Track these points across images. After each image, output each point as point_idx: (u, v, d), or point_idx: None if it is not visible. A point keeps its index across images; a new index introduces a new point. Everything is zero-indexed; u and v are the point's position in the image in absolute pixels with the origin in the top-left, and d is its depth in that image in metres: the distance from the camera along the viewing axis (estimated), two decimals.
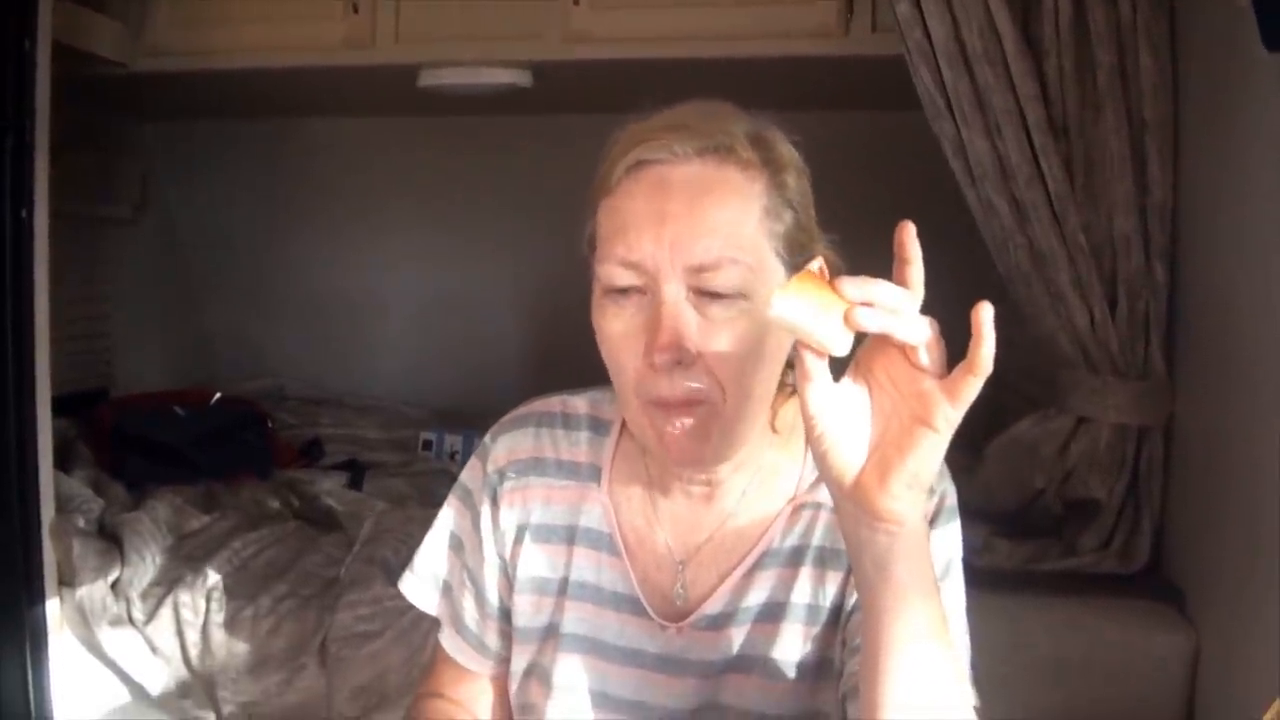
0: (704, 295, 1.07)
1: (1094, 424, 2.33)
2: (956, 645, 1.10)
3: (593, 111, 3.56)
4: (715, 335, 1.06)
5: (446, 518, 1.37)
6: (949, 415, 0.87)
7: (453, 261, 4.15)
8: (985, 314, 0.83)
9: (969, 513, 2.42)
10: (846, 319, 0.87)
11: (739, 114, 1.14)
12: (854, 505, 0.92)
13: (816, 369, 0.90)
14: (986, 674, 1.22)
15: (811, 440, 0.93)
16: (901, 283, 0.88)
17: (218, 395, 3.60)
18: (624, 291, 1.09)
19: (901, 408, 0.90)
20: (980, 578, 2.27)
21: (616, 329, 1.10)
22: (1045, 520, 2.43)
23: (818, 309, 0.88)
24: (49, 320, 2.51)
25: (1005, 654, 2.14)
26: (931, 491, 1.15)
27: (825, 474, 0.94)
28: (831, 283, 0.88)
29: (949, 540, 1.19)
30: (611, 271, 1.08)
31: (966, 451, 2.62)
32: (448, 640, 1.38)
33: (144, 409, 3.41)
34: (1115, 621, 2.21)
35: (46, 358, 2.51)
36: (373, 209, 4.15)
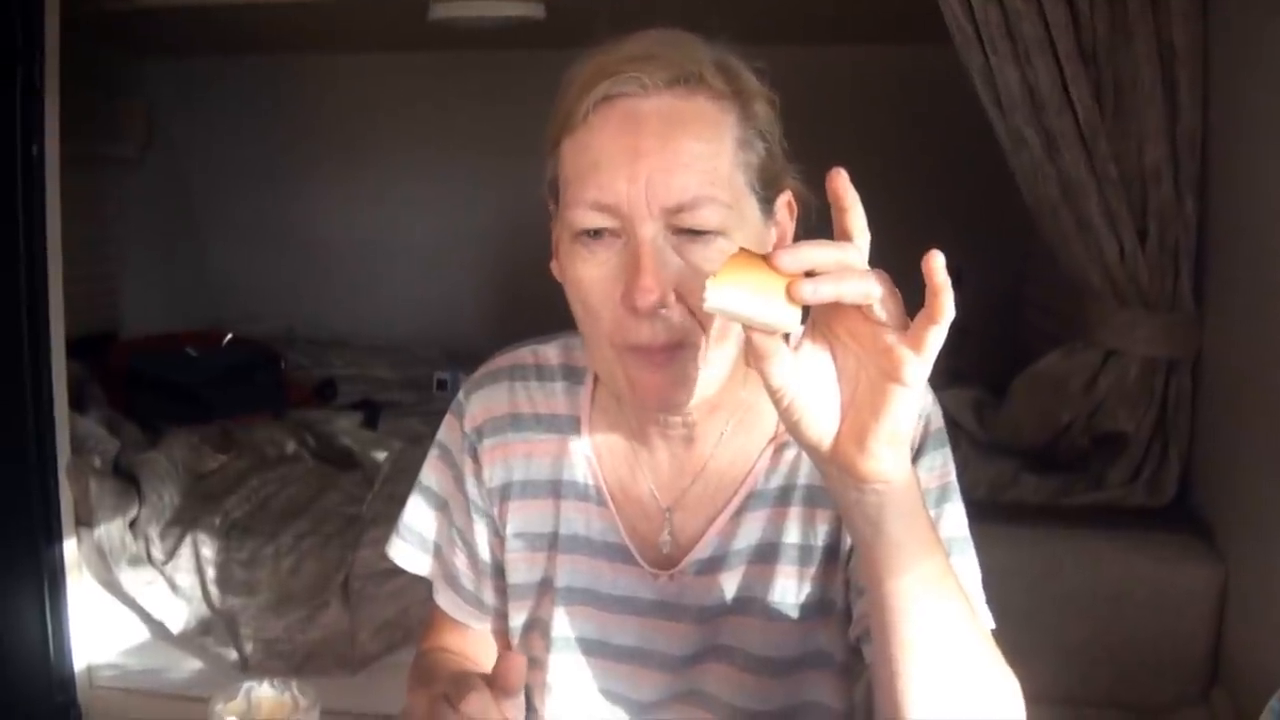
0: (682, 235, 1.01)
1: (1122, 357, 2.32)
2: (964, 571, 1.08)
3: (606, 42, 3.55)
4: (694, 276, 1.01)
5: (428, 478, 1.33)
6: (916, 367, 0.83)
7: (462, 200, 4.12)
8: (937, 262, 0.79)
9: (996, 448, 2.44)
10: (789, 294, 0.82)
11: (701, 42, 1.08)
12: (836, 469, 0.89)
13: (770, 346, 0.86)
14: (1014, 606, 1.20)
15: (781, 413, 0.89)
16: (843, 232, 0.84)
17: (230, 336, 3.58)
18: (596, 234, 1.03)
19: (868, 364, 0.86)
20: (1008, 512, 2.29)
21: (590, 274, 1.04)
22: (1072, 454, 2.42)
23: (757, 290, 0.83)
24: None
25: (1034, 586, 2.14)
26: (917, 417, 1.12)
27: (802, 443, 0.90)
28: (765, 257, 0.84)
29: (939, 465, 1.14)
30: (583, 215, 1.02)
31: (990, 388, 2.61)
32: (444, 599, 1.33)
33: (156, 350, 3.40)
34: (1143, 554, 2.20)
35: (60, 297, 2.49)
36: (381, 146, 4.12)
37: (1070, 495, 2.35)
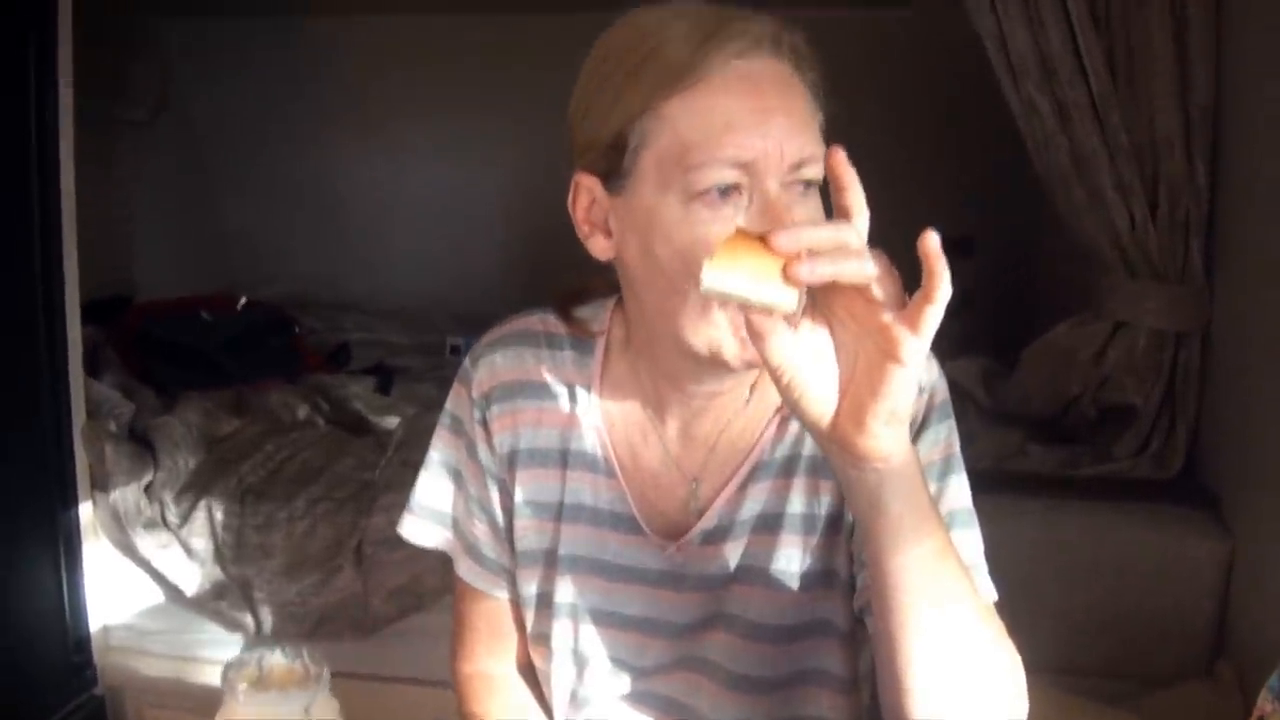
0: (792, 189, 1.03)
1: (1131, 329, 2.32)
2: (966, 544, 1.09)
3: (619, 8, 3.54)
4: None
5: (439, 450, 1.33)
6: (914, 347, 0.83)
7: (477, 163, 4.11)
8: (932, 242, 0.80)
9: (1004, 418, 2.44)
10: (786, 275, 0.83)
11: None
12: (836, 447, 0.90)
13: (768, 324, 0.87)
14: (1021, 576, 1.22)
15: (781, 390, 0.90)
16: (841, 210, 0.86)
17: (244, 300, 3.59)
18: (725, 193, 1.02)
19: (865, 341, 0.86)
20: (1016, 482, 2.30)
21: (719, 233, 1.00)
22: (1081, 425, 2.42)
23: (754, 272, 0.84)
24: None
25: (1040, 556, 2.15)
26: (920, 390, 1.12)
27: (802, 420, 0.91)
28: (762, 237, 0.84)
29: (943, 438, 1.15)
30: (719, 173, 1.01)
31: (998, 357, 2.61)
32: (466, 571, 1.34)
33: (170, 314, 3.41)
34: (1150, 526, 2.21)
35: (74, 262, 2.49)
36: (396, 108, 4.11)
37: (1077, 466, 2.36)
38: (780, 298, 0.85)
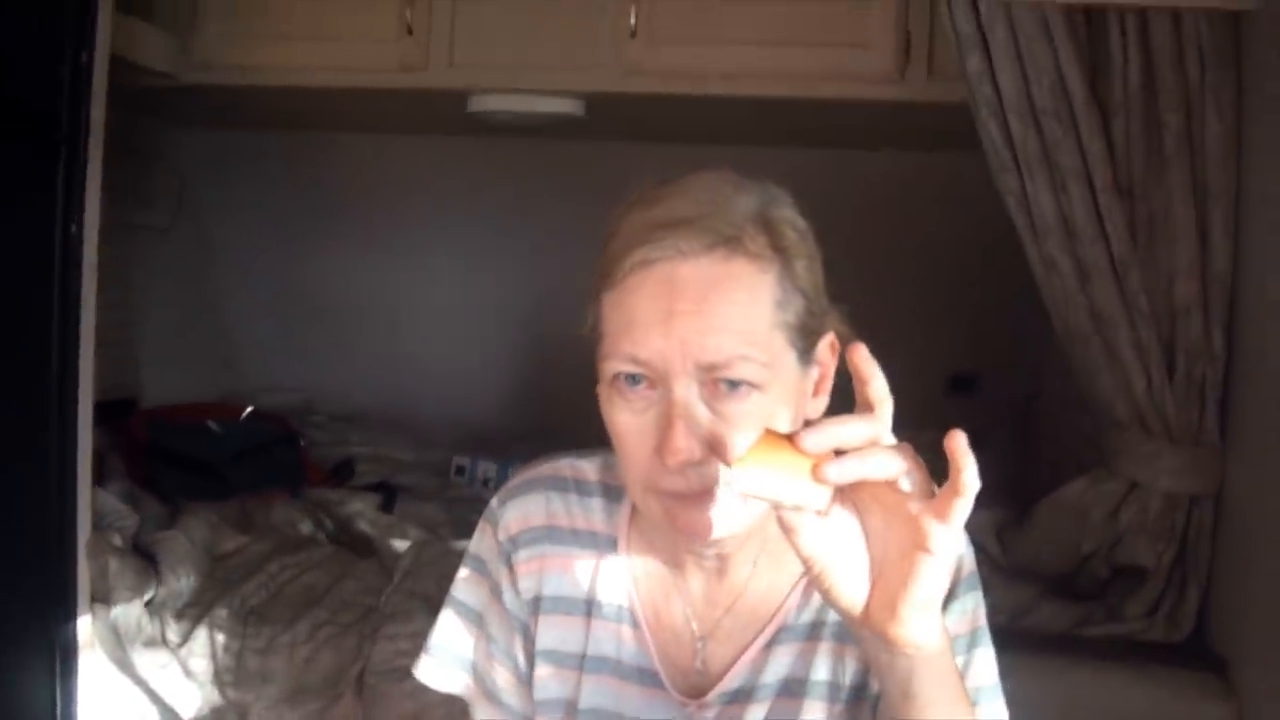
0: (716, 390, 1.03)
1: (1145, 490, 2.33)
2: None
3: (642, 140, 3.61)
4: (728, 430, 1.02)
5: (461, 591, 1.32)
6: (944, 537, 0.85)
7: (490, 283, 4.13)
8: (959, 442, 0.82)
9: (1016, 572, 2.44)
10: (816, 475, 0.85)
11: (745, 187, 1.10)
12: (869, 633, 0.91)
13: (798, 518, 0.89)
14: None
15: (812, 579, 0.91)
16: (864, 402, 0.87)
17: (249, 409, 3.59)
18: (633, 381, 1.04)
19: (895, 530, 0.88)
20: (1025, 639, 2.29)
21: (626, 422, 1.06)
22: (1092, 583, 2.42)
23: (784, 472, 0.85)
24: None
25: (1048, 717, 2.13)
26: None
27: (834, 607, 0.92)
28: (791, 438, 0.86)
29: (970, 609, 1.15)
30: (619, 366, 1.04)
31: (1006, 506, 2.62)
32: (484, 716, 1.32)
33: (177, 422, 3.40)
34: (1159, 688, 2.20)
35: (90, 373, 2.49)
36: (409, 226, 4.14)
37: (1088, 625, 2.35)
38: (810, 497, 0.87)
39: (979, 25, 2.26)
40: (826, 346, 1.12)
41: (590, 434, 1.17)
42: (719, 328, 1.02)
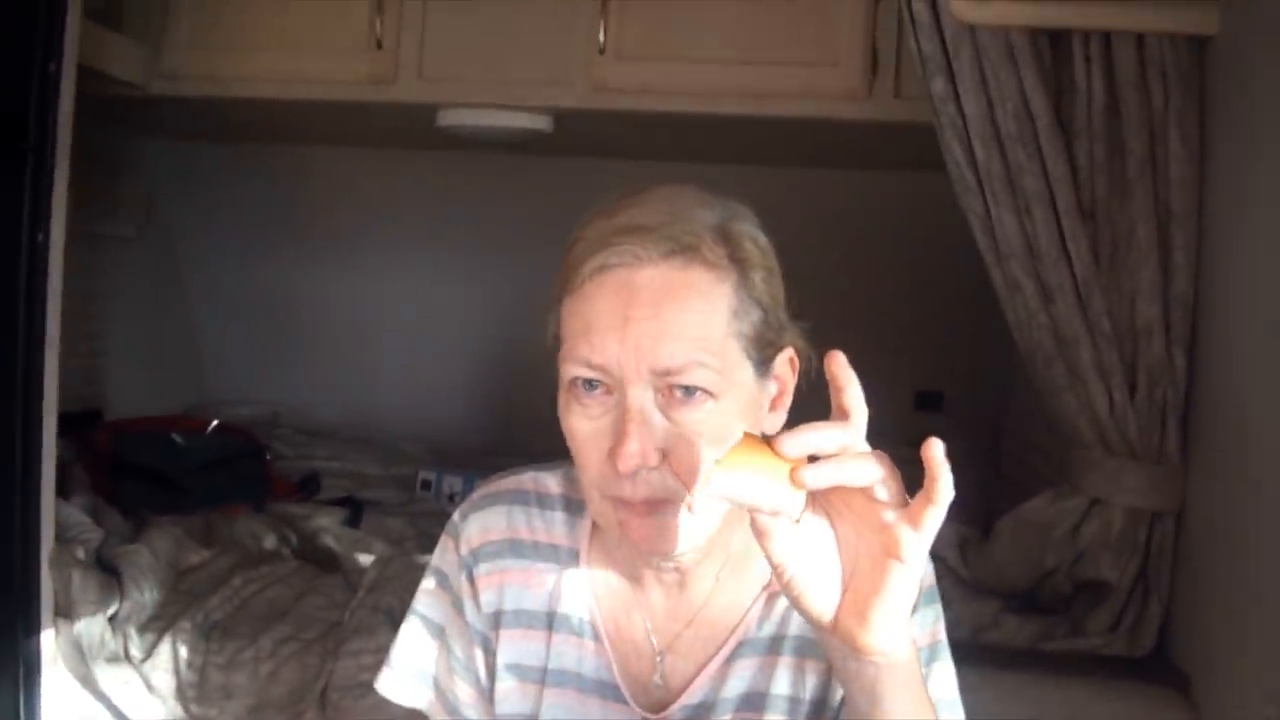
0: (671, 397, 1.04)
1: (1107, 506, 2.34)
2: None
3: (610, 156, 3.62)
4: (681, 437, 1.04)
5: (424, 605, 1.33)
6: (915, 545, 0.86)
7: (457, 296, 4.14)
8: (936, 450, 0.83)
9: (979, 589, 2.45)
10: (793, 480, 0.86)
11: (707, 202, 1.11)
12: (837, 640, 0.92)
13: (770, 523, 0.90)
14: None
15: (782, 585, 0.93)
16: (840, 410, 0.88)
17: (215, 422, 3.57)
18: (590, 386, 1.06)
19: (868, 538, 0.89)
20: (988, 654, 2.30)
21: (582, 427, 1.08)
22: (1055, 598, 2.43)
23: (760, 475, 0.87)
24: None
25: None
26: None
27: (803, 614, 0.93)
28: (769, 442, 0.87)
29: (930, 623, 1.17)
30: (576, 370, 1.06)
31: (970, 522, 2.63)
32: None
33: (142, 434, 3.38)
34: (1120, 703, 2.21)
35: (55, 383, 2.47)
36: (378, 238, 4.14)
37: (1050, 640, 2.36)
38: (786, 501, 0.88)
39: (943, 48, 2.27)
40: (785, 361, 1.14)
41: (555, 448, 1.17)
42: (674, 334, 1.03)
